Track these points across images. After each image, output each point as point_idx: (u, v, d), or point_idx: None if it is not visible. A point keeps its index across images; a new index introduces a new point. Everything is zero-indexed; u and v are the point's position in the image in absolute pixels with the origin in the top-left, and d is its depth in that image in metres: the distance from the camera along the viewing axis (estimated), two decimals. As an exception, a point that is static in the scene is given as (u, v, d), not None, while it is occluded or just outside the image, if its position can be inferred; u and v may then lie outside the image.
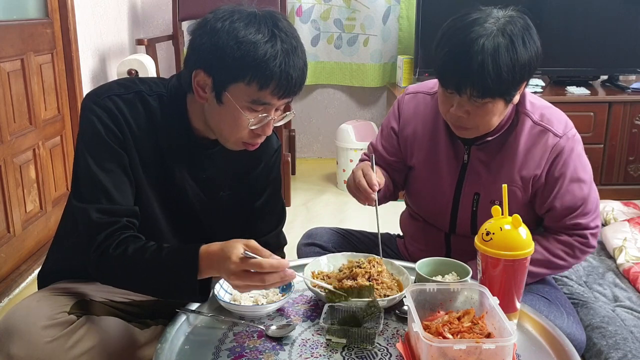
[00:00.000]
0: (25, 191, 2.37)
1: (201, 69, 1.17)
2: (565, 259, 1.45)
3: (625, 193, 3.13)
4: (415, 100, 1.57)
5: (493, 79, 1.24)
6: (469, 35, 1.26)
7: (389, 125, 1.61)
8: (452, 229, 1.55)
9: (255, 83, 1.14)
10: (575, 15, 3.30)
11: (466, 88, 1.27)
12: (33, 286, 2.13)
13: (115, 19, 3.31)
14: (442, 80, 1.33)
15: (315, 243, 1.66)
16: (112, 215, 1.18)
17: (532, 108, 1.44)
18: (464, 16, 1.31)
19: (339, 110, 4.01)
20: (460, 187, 1.50)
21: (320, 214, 3.09)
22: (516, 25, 1.28)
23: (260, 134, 1.23)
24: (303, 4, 3.68)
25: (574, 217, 1.43)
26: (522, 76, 1.29)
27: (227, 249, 1.09)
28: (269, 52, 1.12)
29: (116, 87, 1.27)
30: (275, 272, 1.08)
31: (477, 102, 1.29)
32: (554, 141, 1.41)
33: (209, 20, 1.16)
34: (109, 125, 1.20)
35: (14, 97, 2.28)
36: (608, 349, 1.54)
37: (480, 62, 1.24)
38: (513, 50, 1.25)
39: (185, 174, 1.31)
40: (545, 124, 1.42)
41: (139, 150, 1.24)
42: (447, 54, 1.29)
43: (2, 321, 1.22)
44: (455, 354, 0.99)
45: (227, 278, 1.10)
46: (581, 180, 1.43)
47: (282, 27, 1.15)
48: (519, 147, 1.43)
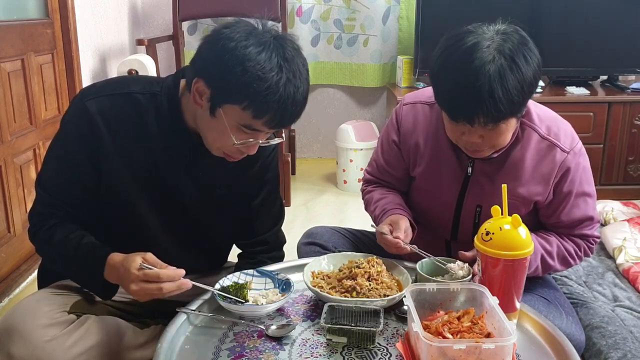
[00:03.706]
0: (25, 191, 2.37)
1: (203, 78, 1.17)
2: (575, 258, 1.47)
3: (624, 193, 3.12)
4: (414, 110, 1.52)
5: (505, 104, 1.20)
6: (470, 65, 1.20)
7: (389, 139, 1.56)
8: (454, 237, 1.54)
9: (250, 111, 1.15)
10: (574, 15, 3.29)
11: (479, 118, 1.23)
12: (33, 286, 2.13)
13: (115, 19, 3.31)
14: (452, 115, 1.28)
15: (315, 242, 1.65)
16: (50, 204, 1.28)
17: (539, 121, 1.41)
18: (458, 42, 1.25)
19: (339, 110, 4.01)
20: (462, 199, 1.47)
21: (320, 214, 3.09)
22: (513, 42, 1.23)
23: (243, 152, 1.24)
24: (303, 4, 3.68)
25: (580, 228, 1.46)
26: (530, 92, 1.25)
27: (126, 262, 1.16)
28: (272, 86, 1.12)
29: (108, 86, 1.29)
30: (172, 282, 1.14)
31: (490, 126, 1.26)
32: (562, 157, 1.40)
33: (223, 37, 1.14)
34: (82, 129, 1.24)
35: (14, 97, 2.28)
36: (608, 349, 1.54)
37: (489, 91, 1.19)
38: (517, 70, 1.21)
39: (180, 172, 1.31)
40: (553, 139, 1.40)
41: (123, 149, 1.26)
42: (453, 88, 1.25)
43: (2, 320, 1.22)
44: (455, 354, 0.99)
45: (127, 288, 1.16)
46: (587, 194, 1.44)
47: (290, 58, 1.15)
48: (526, 162, 1.40)
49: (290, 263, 1.47)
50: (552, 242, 1.45)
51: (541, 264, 1.44)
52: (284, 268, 1.42)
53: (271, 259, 1.48)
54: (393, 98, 3.46)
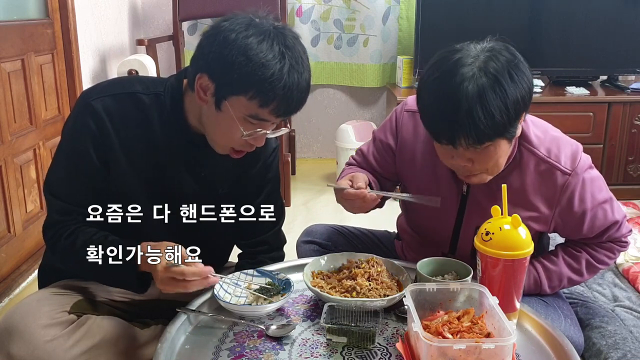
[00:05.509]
0: (25, 191, 2.37)
1: (206, 73, 1.17)
2: (607, 262, 1.47)
3: (624, 193, 3.12)
4: (414, 120, 1.45)
5: (486, 125, 1.15)
6: (449, 83, 1.16)
7: (384, 140, 1.52)
8: (452, 251, 1.51)
9: (256, 100, 1.15)
10: (574, 15, 3.29)
11: (460, 139, 1.18)
12: (33, 286, 2.13)
13: (115, 19, 3.31)
14: (434, 135, 1.24)
15: (314, 241, 1.65)
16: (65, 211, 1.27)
17: (537, 143, 1.35)
18: (442, 60, 1.21)
19: (339, 111, 4.01)
20: (461, 218, 1.44)
21: (320, 214, 3.09)
22: (499, 61, 1.17)
23: (251, 144, 1.24)
24: (303, 5, 3.68)
25: (609, 234, 1.43)
26: (517, 113, 1.19)
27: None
28: (276, 73, 1.12)
29: (112, 86, 1.29)
30: (197, 279, 1.16)
31: (477, 148, 1.20)
32: (564, 180, 1.34)
33: (223, 30, 1.15)
34: (90, 126, 1.23)
35: (14, 97, 2.28)
36: (607, 349, 1.54)
37: (467, 110, 1.14)
38: (500, 89, 1.15)
39: (183, 171, 1.32)
40: (553, 161, 1.34)
41: (128, 148, 1.26)
42: (433, 107, 1.21)
43: (3, 320, 1.23)
44: (455, 354, 0.99)
45: (157, 283, 1.19)
46: (603, 202, 1.39)
47: (291, 45, 1.15)
48: (526, 186, 1.36)
49: (290, 263, 1.47)
50: (580, 258, 1.44)
51: (567, 283, 1.46)
52: (284, 268, 1.42)
53: (271, 259, 1.48)
54: (393, 98, 3.46)
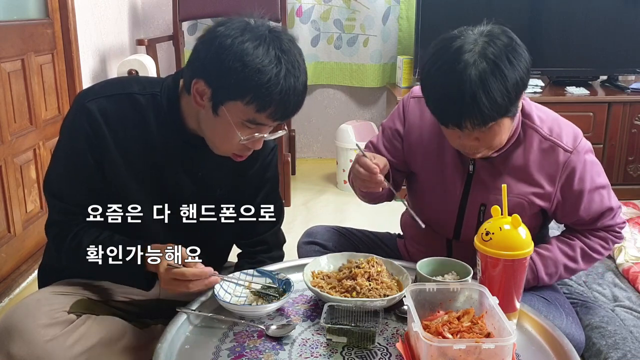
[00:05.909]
0: (25, 191, 2.37)
1: (202, 79, 1.17)
2: (602, 252, 1.49)
3: (624, 193, 3.12)
4: (420, 105, 1.50)
5: (489, 108, 1.21)
6: (453, 71, 1.22)
7: (393, 127, 1.58)
8: (456, 236, 1.54)
9: (253, 105, 1.15)
10: (574, 15, 3.29)
11: (466, 122, 1.24)
12: (33, 286, 2.13)
13: (115, 19, 3.31)
14: (441, 120, 1.31)
15: (315, 241, 1.66)
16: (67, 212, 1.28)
17: (540, 122, 1.42)
18: (443, 48, 1.26)
19: (339, 111, 4.01)
20: (466, 198, 1.48)
21: (320, 214, 3.09)
22: (497, 45, 1.23)
23: (250, 148, 1.25)
24: (303, 5, 3.68)
25: (602, 221, 1.47)
26: (518, 93, 1.25)
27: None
28: (273, 78, 1.13)
29: (107, 87, 1.30)
30: (199, 280, 1.20)
31: (482, 129, 1.27)
32: (565, 157, 1.40)
33: (219, 35, 1.15)
34: (85, 128, 1.24)
35: (14, 97, 2.28)
36: (607, 349, 1.54)
37: (472, 95, 1.20)
38: (500, 74, 1.21)
39: (181, 172, 1.32)
40: (555, 139, 1.41)
41: (125, 149, 1.27)
42: (439, 94, 1.27)
43: (2, 320, 1.23)
44: (455, 354, 0.99)
45: (161, 284, 1.23)
46: (600, 187, 1.44)
47: (287, 49, 1.16)
48: (529, 163, 1.41)
49: (290, 263, 1.47)
50: (575, 246, 1.46)
51: (564, 271, 1.47)
52: (284, 268, 1.42)
53: (271, 259, 1.48)
54: (393, 98, 3.46)
